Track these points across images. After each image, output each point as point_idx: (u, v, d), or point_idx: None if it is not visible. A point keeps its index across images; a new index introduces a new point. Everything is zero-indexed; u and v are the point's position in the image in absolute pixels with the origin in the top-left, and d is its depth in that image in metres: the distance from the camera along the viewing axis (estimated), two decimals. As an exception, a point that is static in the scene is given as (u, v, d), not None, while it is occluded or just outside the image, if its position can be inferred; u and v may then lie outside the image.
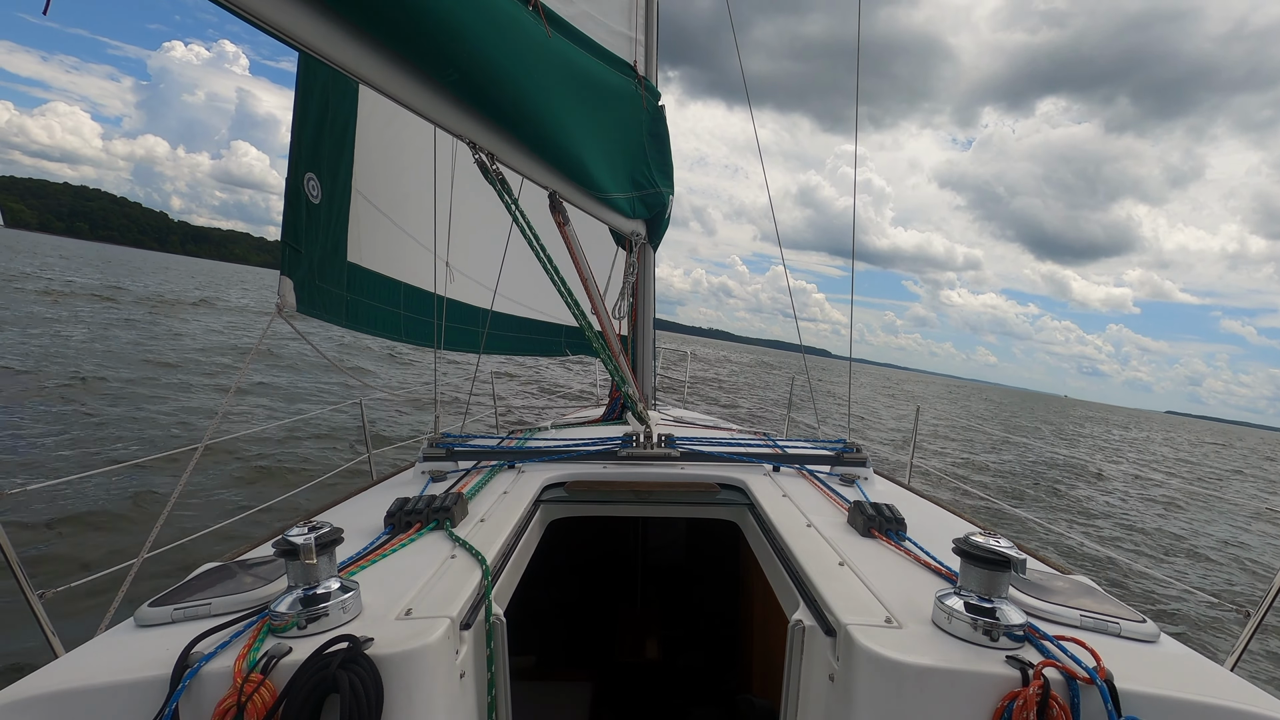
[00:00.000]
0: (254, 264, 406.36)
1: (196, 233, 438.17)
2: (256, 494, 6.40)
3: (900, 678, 0.99)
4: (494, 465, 2.26)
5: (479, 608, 1.24)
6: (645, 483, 2.15)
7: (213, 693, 0.91)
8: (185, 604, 1.12)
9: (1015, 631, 1.04)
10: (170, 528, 2.29)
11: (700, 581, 3.45)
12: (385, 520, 1.61)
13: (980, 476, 13.99)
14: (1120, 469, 19.10)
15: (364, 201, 3.47)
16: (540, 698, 2.64)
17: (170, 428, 8.60)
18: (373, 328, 3.74)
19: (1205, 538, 11.24)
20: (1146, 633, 1.15)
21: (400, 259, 3.88)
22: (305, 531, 1.04)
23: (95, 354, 13.05)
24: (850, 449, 2.44)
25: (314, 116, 2.97)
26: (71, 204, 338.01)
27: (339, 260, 3.31)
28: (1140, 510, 12.85)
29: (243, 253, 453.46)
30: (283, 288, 2.79)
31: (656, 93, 3.42)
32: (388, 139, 3.60)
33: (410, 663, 0.98)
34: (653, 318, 4.05)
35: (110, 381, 10.62)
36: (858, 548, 1.54)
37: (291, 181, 2.88)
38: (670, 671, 3.17)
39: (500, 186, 2.12)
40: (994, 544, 1.07)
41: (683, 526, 3.56)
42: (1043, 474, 15.48)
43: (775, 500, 1.96)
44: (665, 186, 3.47)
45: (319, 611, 1.03)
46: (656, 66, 3.86)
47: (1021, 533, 8.82)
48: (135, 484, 6.12)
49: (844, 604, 1.20)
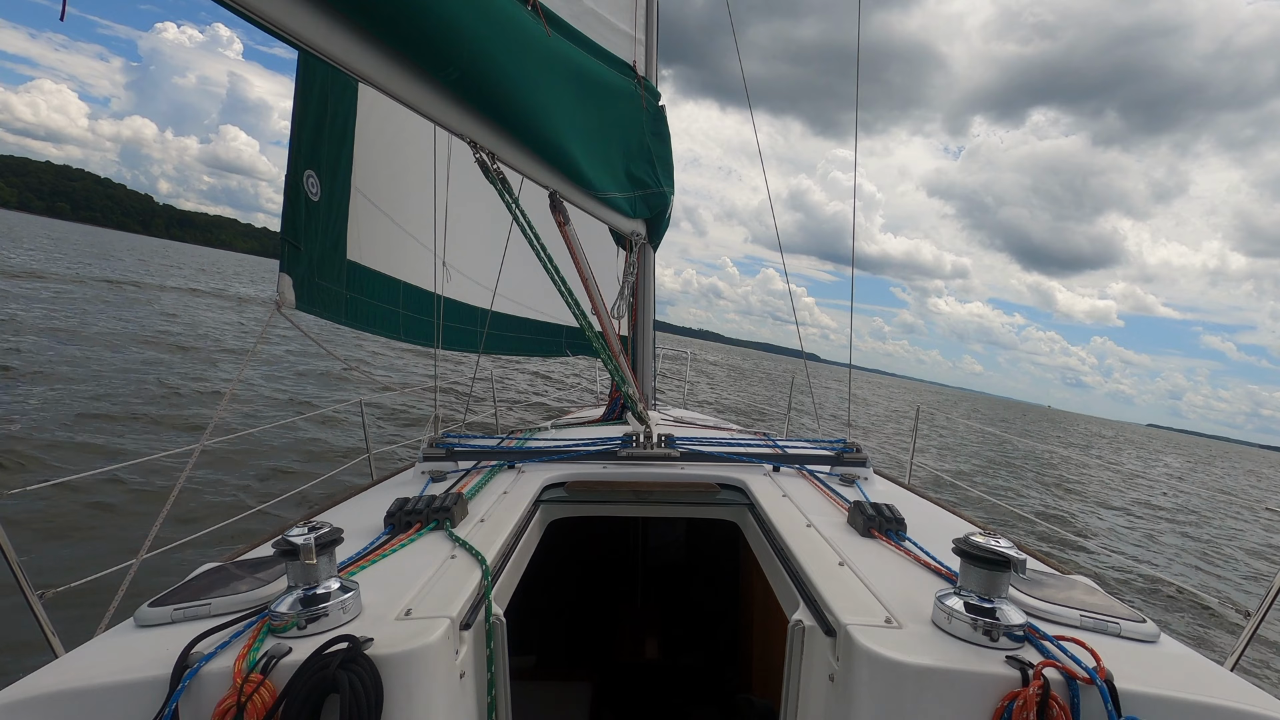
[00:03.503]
0: (240, 250, 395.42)
1: (182, 217, 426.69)
2: (256, 494, 6.41)
3: (900, 678, 0.99)
4: (494, 465, 2.26)
5: (479, 608, 1.24)
6: (645, 483, 2.15)
7: (213, 693, 0.91)
8: (185, 604, 1.12)
9: (1015, 631, 1.04)
10: (170, 528, 2.29)
11: (700, 581, 3.45)
12: (385, 520, 1.61)
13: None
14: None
15: (364, 200, 3.47)
16: (540, 698, 2.64)
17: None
18: (372, 326, 3.74)
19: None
20: (1146, 633, 1.15)
21: (401, 258, 3.89)
22: (305, 531, 1.04)
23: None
24: (850, 449, 2.44)
25: (314, 113, 2.97)
26: (53, 183, 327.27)
27: (339, 258, 3.31)
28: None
29: (229, 238, 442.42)
30: (282, 284, 2.79)
31: (657, 93, 3.42)
32: (388, 137, 3.60)
33: (410, 663, 0.98)
34: (653, 318, 4.05)
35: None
36: (858, 548, 1.54)
37: (291, 178, 2.87)
38: (670, 671, 3.17)
39: (501, 186, 2.12)
40: (994, 544, 1.07)
41: (683, 526, 3.57)
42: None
43: (775, 500, 1.96)
44: (666, 186, 3.47)
45: (319, 612, 1.03)
46: (657, 67, 3.86)
47: (1022, 532, 8.82)
48: (135, 484, 6.12)
49: (844, 604, 1.19)
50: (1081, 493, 15.66)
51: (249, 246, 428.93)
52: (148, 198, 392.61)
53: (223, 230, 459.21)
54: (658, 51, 3.86)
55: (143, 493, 5.99)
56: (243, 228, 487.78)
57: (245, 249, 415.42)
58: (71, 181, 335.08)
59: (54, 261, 34.65)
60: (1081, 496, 15.23)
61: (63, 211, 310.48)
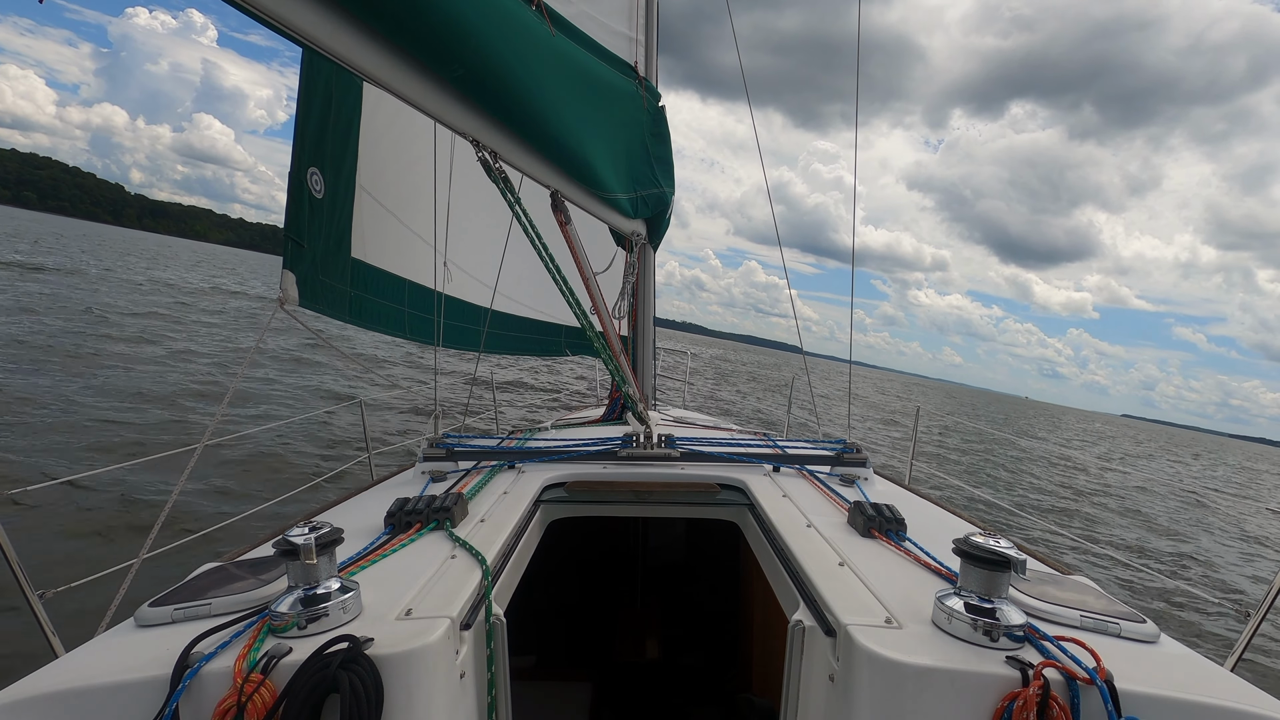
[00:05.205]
0: (215, 241, 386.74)
1: (155, 207, 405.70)
2: (256, 494, 6.41)
3: (900, 678, 0.99)
4: (494, 465, 2.26)
5: (479, 608, 1.24)
6: (645, 483, 2.15)
7: (213, 693, 0.91)
8: (185, 604, 1.12)
9: (1015, 632, 1.04)
10: (170, 528, 2.29)
11: (700, 582, 3.45)
12: (385, 520, 1.61)
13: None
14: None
15: (368, 197, 3.47)
16: (540, 698, 2.64)
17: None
18: (376, 324, 3.74)
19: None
20: (1146, 633, 1.15)
21: (405, 256, 3.89)
22: (305, 531, 1.04)
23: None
24: (850, 449, 2.44)
25: (317, 110, 2.96)
26: (19, 171, 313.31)
27: (343, 256, 3.31)
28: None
29: (204, 229, 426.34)
30: (285, 281, 2.79)
31: (657, 93, 3.42)
32: (393, 134, 3.60)
33: (410, 663, 0.98)
34: (653, 318, 4.05)
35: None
36: (858, 548, 1.54)
37: (294, 175, 2.87)
38: (670, 671, 3.17)
39: (503, 185, 2.12)
40: (994, 544, 1.07)
41: (683, 526, 3.57)
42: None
43: (775, 500, 1.95)
44: (666, 186, 3.47)
45: (319, 612, 1.03)
46: (657, 67, 3.86)
47: (1021, 533, 8.82)
48: (136, 483, 6.12)
49: (844, 604, 1.20)
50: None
51: (224, 238, 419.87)
52: (119, 187, 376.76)
53: (197, 221, 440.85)
54: (658, 52, 3.87)
55: (144, 492, 6.00)
56: (218, 218, 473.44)
57: (220, 240, 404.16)
58: (38, 170, 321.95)
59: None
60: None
61: (29, 200, 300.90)
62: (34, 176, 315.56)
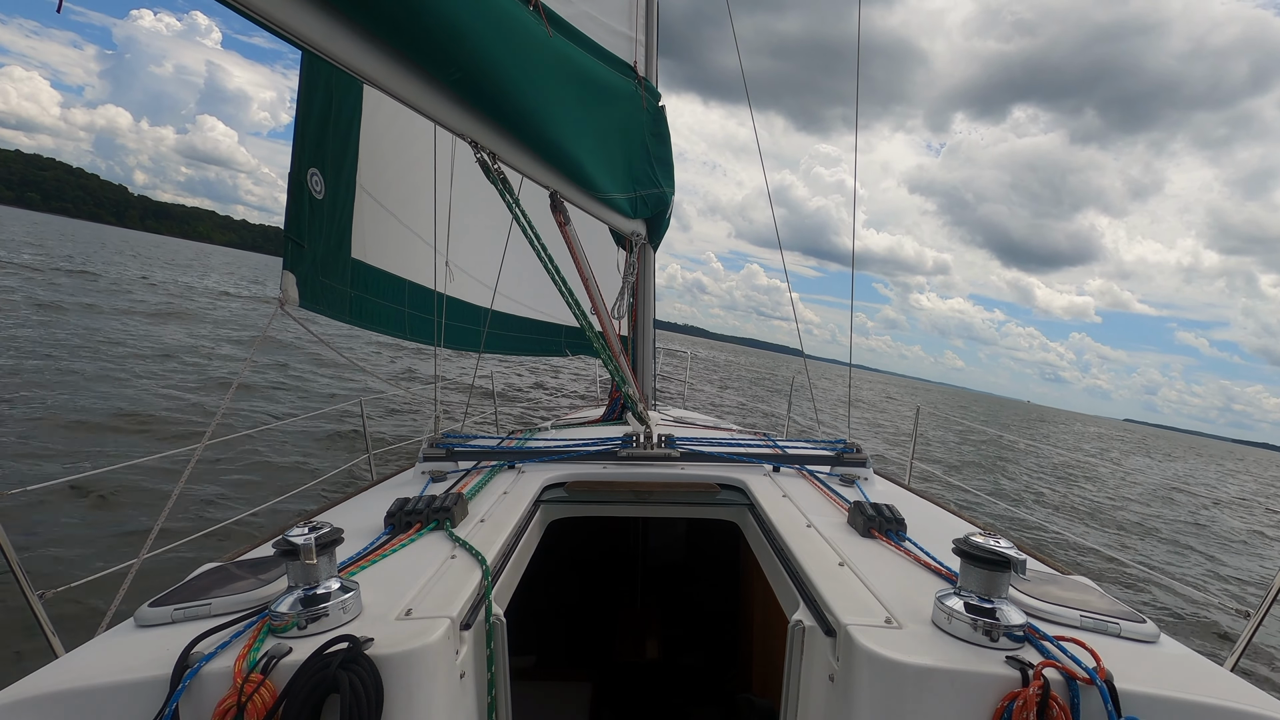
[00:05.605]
0: (218, 242, 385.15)
1: (158, 208, 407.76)
2: (256, 494, 6.40)
3: (900, 678, 0.99)
4: (494, 465, 2.25)
5: (479, 608, 1.24)
6: (645, 483, 2.15)
7: (213, 693, 0.91)
8: (185, 604, 1.12)
9: (1015, 632, 1.04)
10: (170, 528, 2.29)
11: (700, 581, 3.45)
12: (385, 520, 1.60)
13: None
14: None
15: (369, 198, 3.47)
16: (540, 698, 2.64)
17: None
18: (377, 325, 3.74)
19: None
20: (1146, 633, 1.15)
21: (405, 256, 3.89)
22: (305, 531, 1.04)
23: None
24: (850, 449, 2.44)
25: (318, 111, 2.96)
26: (23, 173, 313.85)
27: (343, 256, 3.31)
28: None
29: (207, 230, 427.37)
30: (285, 282, 2.79)
31: (657, 93, 3.42)
32: (394, 135, 3.60)
33: (410, 663, 0.98)
34: (653, 318, 4.05)
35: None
36: (858, 548, 1.54)
37: (295, 176, 2.87)
38: (670, 671, 3.17)
39: (501, 186, 2.12)
40: (994, 544, 1.07)
41: (683, 527, 3.56)
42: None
43: (775, 500, 1.95)
44: (666, 186, 3.47)
45: (319, 612, 1.03)
46: (657, 67, 3.86)
47: (1022, 533, 8.81)
48: (136, 483, 6.12)
49: (844, 604, 1.20)
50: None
51: (227, 239, 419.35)
52: (122, 188, 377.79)
53: (200, 222, 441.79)
54: (658, 52, 3.86)
55: (144, 493, 5.99)
56: (221, 219, 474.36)
57: (223, 241, 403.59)
58: (42, 171, 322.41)
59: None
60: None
61: (33, 202, 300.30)
62: (38, 178, 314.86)
